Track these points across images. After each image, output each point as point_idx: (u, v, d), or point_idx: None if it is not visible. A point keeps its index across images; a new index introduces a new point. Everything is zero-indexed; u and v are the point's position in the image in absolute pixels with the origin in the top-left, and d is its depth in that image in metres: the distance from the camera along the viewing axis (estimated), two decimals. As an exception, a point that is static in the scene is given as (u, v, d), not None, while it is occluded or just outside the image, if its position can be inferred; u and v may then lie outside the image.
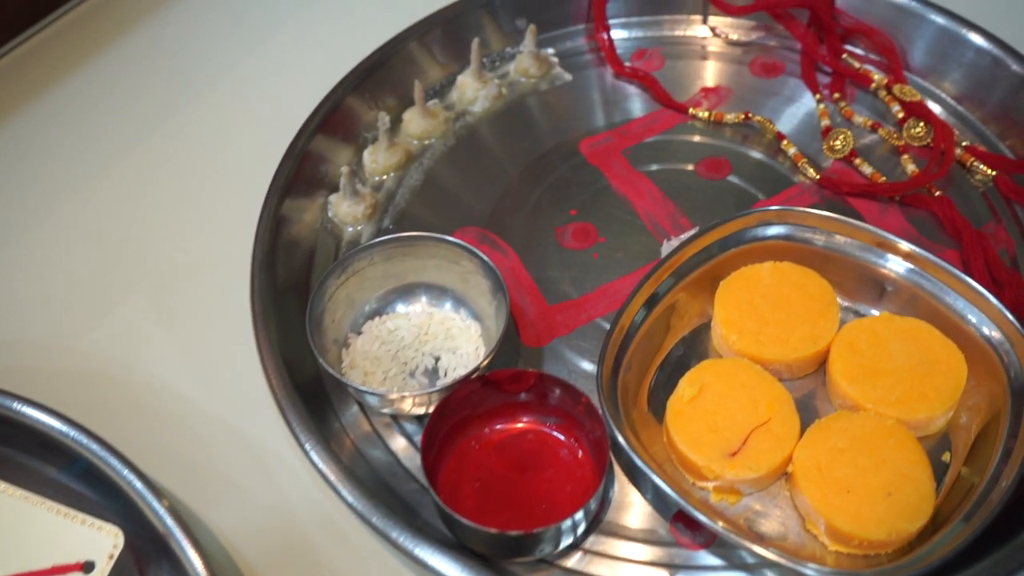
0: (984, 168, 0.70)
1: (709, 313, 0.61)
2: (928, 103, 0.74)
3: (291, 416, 0.56)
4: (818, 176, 0.70)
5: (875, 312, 0.61)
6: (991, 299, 0.57)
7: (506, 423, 0.57)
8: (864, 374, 0.56)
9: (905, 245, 0.60)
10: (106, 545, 0.52)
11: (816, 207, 0.63)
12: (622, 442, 0.53)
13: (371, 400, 0.57)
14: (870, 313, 0.61)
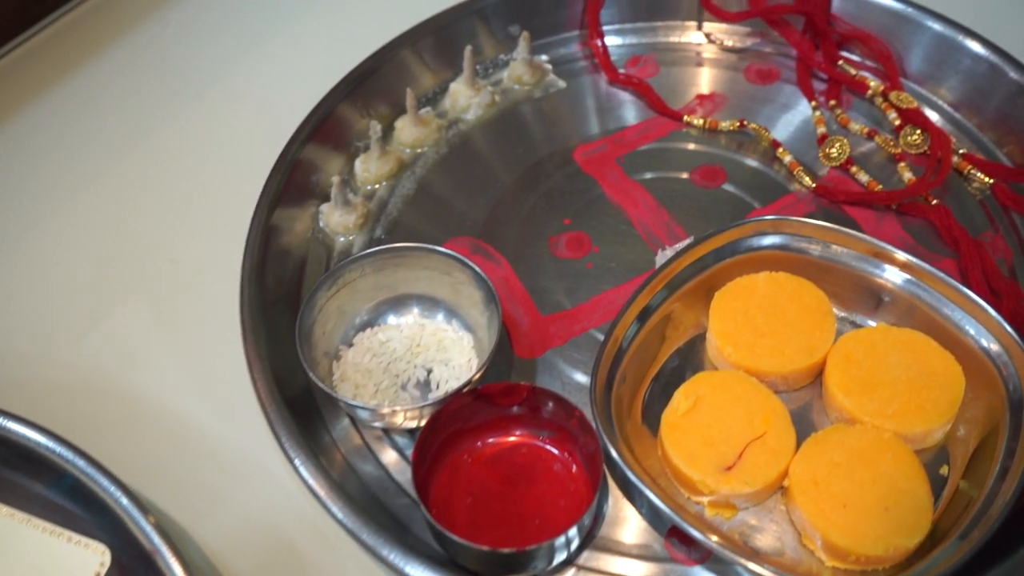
0: (981, 176, 0.69)
1: (704, 324, 0.61)
2: (925, 110, 0.73)
3: (280, 430, 0.56)
4: (814, 184, 0.69)
5: (872, 323, 0.61)
6: (989, 311, 0.57)
7: (498, 437, 0.56)
8: (861, 386, 0.55)
9: (902, 255, 0.60)
10: (92, 563, 0.51)
11: (812, 215, 0.63)
12: (616, 456, 0.53)
13: (362, 414, 0.57)
14: (867, 324, 0.61)
